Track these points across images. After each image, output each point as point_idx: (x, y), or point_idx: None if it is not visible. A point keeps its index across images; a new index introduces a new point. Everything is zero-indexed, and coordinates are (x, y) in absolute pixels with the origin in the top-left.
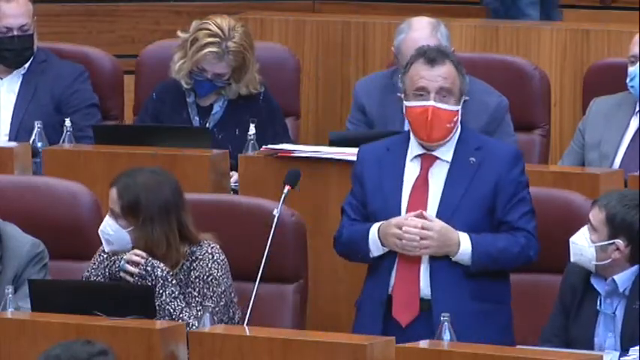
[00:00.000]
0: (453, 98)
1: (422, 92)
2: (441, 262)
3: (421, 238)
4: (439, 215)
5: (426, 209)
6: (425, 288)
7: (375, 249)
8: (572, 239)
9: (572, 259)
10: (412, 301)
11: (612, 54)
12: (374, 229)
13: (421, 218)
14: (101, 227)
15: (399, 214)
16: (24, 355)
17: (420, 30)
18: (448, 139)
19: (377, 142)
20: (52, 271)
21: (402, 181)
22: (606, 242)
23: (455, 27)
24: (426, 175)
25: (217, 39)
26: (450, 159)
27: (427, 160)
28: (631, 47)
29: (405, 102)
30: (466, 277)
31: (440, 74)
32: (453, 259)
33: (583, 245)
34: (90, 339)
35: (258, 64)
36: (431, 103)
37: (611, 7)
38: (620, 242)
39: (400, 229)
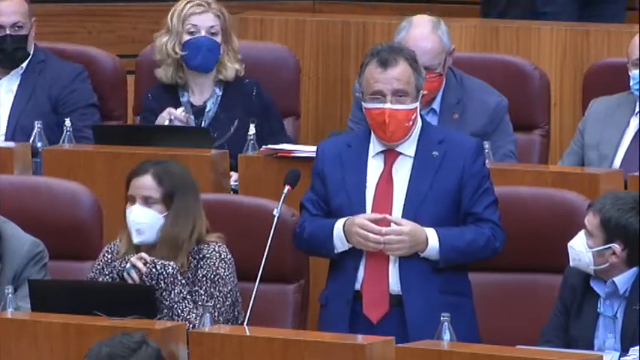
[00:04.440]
0: (409, 97)
1: (377, 95)
2: (410, 257)
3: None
4: (405, 210)
5: (391, 205)
6: (394, 284)
7: (340, 245)
8: (570, 244)
9: (570, 264)
10: (382, 298)
11: (612, 54)
12: (339, 224)
13: (386, 222)
14: (131, 218)
15: (363, 210)
16: (24, 355)
17: (421, 27)
18: (409, 136)
19: (337, 137)
20: (52, 271)
21: (365, 178)
22: (602, 247)
23: (455, 27)
24: (390, 171)
25: (197, 0)
26: (413, 154)
27: (390, 155)
28: (632, 50)
29: (362, 103)
30: (434, 272)
31: (394, 76)
32: (422, 255)
33: (580, 250)
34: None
35: (239, 55)
36: (387, 106)
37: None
38: (616, 246)
39: (364, 229)
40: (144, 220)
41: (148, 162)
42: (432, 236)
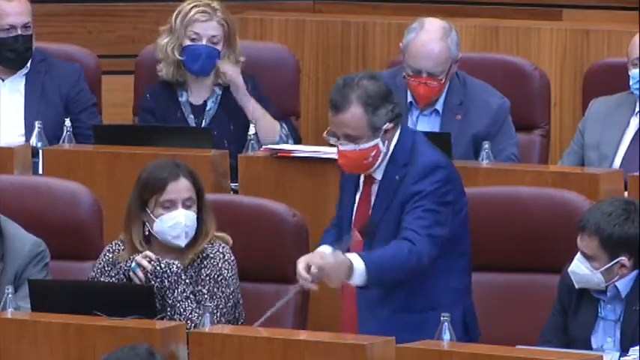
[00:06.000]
0: (362, 139)
1: (332, 136)
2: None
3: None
4: (364, 233)
5: (367, 223)
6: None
7: None
8: (570, 270)
9: (577, 287)
10: (353, 318)
11: (612, 54)
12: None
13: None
14: (176, 222)
15: (349, 227)
16: (24, 355)
17: (431, 32)
18: (374, 169)
19: None
20: (52, 271)
21: (355, 197)
22: (611, 264)
23: (455, 27)
24: (368, 192)
25: (203, 6)
26: (380, 178)
27: (369, 179)
28: (632, 49)
29: None
30: (389, 292)
31: (343, 121)
32: (351, 282)
33: (586, 274)
34: (134, 344)
35: (242, 57)
36: (339, 147)
37: (611, 7)
38: (623, 258)
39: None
40: (191, 222)
41: (168, 164)
42: (356, 260)
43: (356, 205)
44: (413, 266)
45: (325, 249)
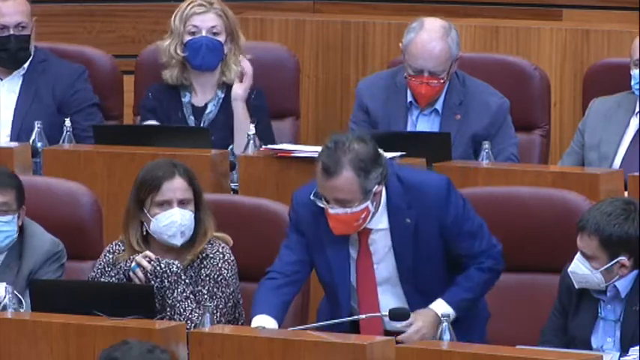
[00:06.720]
0: (354, 202)
1: (323, 199)
2: (415, 294)
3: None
4: (402, 279)
5: (374, 278)
6: (389, 324)
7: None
8: (570, 270)
9: (577, 287)
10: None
11: (612, 54)
12: (254, 322)
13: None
14: (174, 221)
15: (348, 290)
16: (24, 355)
17: (431, 31)
18: (366, 224)
19: (309, 197)
20: None
21: (344, 256)
22: (610, 264)
23: (455, 26)
24: (366, 245)
25: (200, 0)
26: (386, 226)
27: (364, 233)
28: (634, 50)
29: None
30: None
31: (335, 186)
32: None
33: (585, 273)
34: (154, 345)
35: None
36: (330, 210)
37: (611, 7)
38: (623, 258)
39: None
40: (187, 221)
41: (164, 163)
42: (440, 306)
43: (354, 262)
44: (495, 281)
45: (264, 320)
